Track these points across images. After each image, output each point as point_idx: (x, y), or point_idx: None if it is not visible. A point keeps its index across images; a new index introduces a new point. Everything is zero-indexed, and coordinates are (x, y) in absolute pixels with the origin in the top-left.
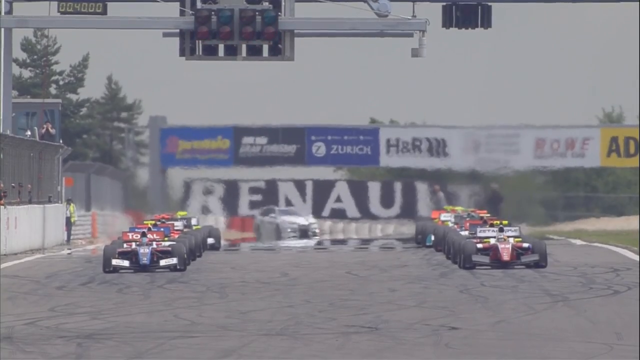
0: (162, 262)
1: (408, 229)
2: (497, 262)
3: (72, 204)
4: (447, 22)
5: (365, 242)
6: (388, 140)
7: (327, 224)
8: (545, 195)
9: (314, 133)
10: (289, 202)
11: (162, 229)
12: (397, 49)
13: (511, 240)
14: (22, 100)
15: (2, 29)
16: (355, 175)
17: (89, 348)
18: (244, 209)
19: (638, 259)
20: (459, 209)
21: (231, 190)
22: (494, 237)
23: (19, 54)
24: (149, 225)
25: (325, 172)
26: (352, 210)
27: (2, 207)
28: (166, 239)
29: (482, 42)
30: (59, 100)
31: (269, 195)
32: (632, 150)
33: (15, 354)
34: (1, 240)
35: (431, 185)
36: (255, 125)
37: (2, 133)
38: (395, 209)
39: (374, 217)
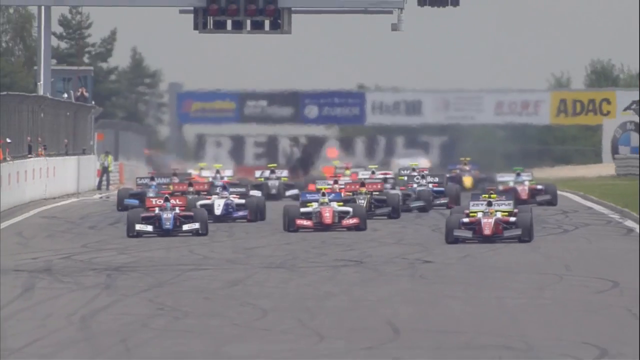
0: (185, 227)
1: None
2: (480, 237)
3: (109, 155)
4: (421, 1)
5: None
6: (373, 103)
7: None
8: (505, 148)
9: (307, 97)
10: (286, 154)
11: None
12: (380, 24)
13: (498, 214)
14: (60, 67)
15: (43, 7)
16: (344, 132)
17: (116, 279)
18: (248, 159)
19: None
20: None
21: (237, 144)
22: (482, 211)
23: (56, 28)
24: (222, 183)
25: (317, 130)
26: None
27: (43, 158)
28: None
29: (452, 18)
30: (91, 68)
31: (270, 148)
32: (578, 110)
33: (54, 283)
34: (44, 186)
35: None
36: (257, 90)
37: (43, 95)
38: (378, 160)
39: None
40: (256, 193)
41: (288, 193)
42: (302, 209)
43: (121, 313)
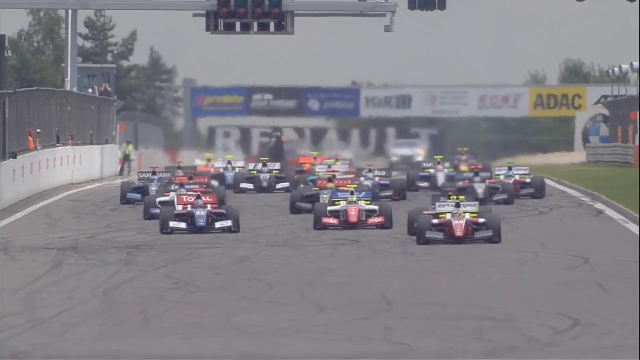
0: (217, 225)
1: (381, 163)
2: (452, 238)
3: (130, 145)
4: (411, 5)
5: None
6: (367, 98)
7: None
8: (488, 138)
9: (309, 92)
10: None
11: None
12: (374, 26)
13: (467, 215)
14: (85, 65)
15: (70, 11)
16: (342, 124)
17: (135, 256)
18: (255, 149)
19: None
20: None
21: (245, 135)
22: (450, 212)
23: (82, 29)
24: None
25: (318, 122)
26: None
27: (70, 147)
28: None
29: (439, 21)
30: (114, 66)
31: (276, 138)
32: (552, 104)
33: (80, 260)
34: (71, 172)
35: (400, 130)
36: (263, 85)
37: (70, 90)
38: (371, 149)
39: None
40: (215, 183)
41: (279, 186)
42: (330, 208)
43: (140, 287)
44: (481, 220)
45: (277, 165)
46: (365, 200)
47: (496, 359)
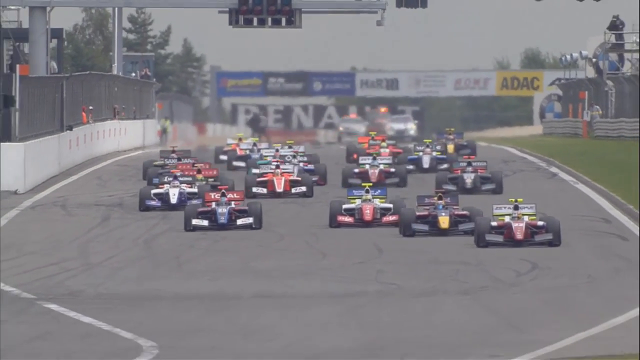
0: (239, 222)
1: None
2: (511, 241)
3: (167, 120)
4: (399, 4)
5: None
6: (361, 80)
7: (322, 131)
8: (462, 114)
9: (314, 75)
10: (298, 118)
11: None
12: (367, 21)
13: (525, 218)
14: (129, 53)
15: (116, 8)
16: (340, 102)
17: (170, 212)
18: (270, 123)
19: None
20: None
21: (262, 112)
22: (509, 214)
23: (126, 24)
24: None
25: (320, 100)
26: (338, 122)
27: (117, 121)
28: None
29: (421, 17)
30: (153, 54)
31: (286, 114)
32: (515, 85)
33: (124, 215)
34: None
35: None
36: (277, 71)
37: (116, 74)
38: (365, 123)
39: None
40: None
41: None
42: (345, 206)
43: (174, 237)
44: (540, 223)
45: (302, 148)
46: (380, 198)
47: (469, 295)
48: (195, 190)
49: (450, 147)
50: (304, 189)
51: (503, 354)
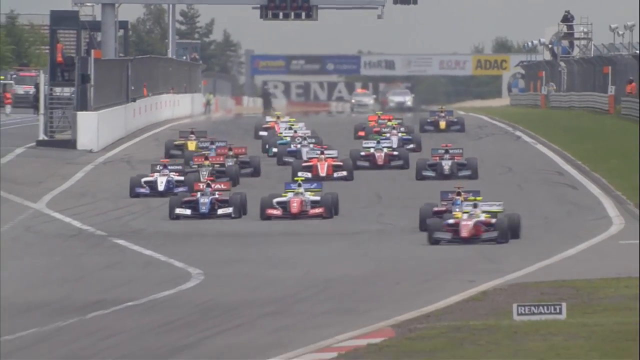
0: (220, 211)
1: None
2: (458, 239)
3: (211, 94)
4: (395, 1)
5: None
6: (364, 62)
7: (334, 103)
8: (445, 89)
9: (327, 58)
10: (315, 93)
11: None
12: (370, 14)
13: (482, 216)
14: (181, 41)
15: (171, 5)
16: (348, 79)
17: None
18: (294, 96)
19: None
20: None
21: (286, 87)
22: (468, 212)
23: (178, 17)
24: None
25: (332, 78)
26: (346, 96)
27: (171, 94)
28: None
29: (414, 11)
30: (199, 41)
31: (306, 89)
32: (488, 66)
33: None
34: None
35: (388, 83)
36: (297, 54)
37: (171, 58)
38: (372, 96)
39: None
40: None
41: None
42: (276, 200)
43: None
44: (493, 221)
45: (302, 125)
46: (312, 192)
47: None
48: (182, 178)
49: (442, 124)
50: (344, 173)
51: (477, 279)
